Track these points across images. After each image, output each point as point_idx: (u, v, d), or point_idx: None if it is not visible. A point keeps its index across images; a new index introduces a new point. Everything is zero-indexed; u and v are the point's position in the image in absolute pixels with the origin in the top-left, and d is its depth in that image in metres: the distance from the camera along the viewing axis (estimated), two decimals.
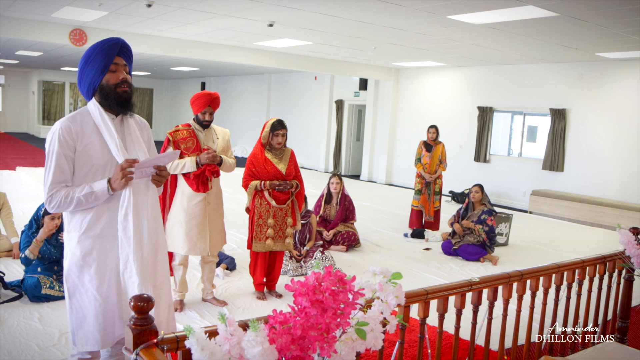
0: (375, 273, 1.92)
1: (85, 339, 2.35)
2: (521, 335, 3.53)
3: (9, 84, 23.03)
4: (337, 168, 14.68)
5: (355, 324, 1.74)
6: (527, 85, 10.65)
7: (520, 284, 3.04)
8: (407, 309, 2.58)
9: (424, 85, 12.72)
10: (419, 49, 9.40)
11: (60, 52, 13.50)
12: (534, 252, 6.92)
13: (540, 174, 10.51)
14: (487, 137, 11.35)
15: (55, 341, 3.47)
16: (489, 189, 10.90)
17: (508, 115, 11.43)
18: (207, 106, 4.11)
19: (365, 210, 8.93)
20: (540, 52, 8.85)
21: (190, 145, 4.11)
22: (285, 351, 1.62)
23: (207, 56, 10.22)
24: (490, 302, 2.92)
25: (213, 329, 1.69)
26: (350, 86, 14.36)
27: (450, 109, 12.11)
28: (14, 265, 4.97)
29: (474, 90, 11.62)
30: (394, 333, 1.99)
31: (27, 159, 13.83)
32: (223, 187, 4.57)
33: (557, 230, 8.64)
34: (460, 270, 5.87)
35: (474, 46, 8.73)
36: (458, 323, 2.79)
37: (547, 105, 10.27)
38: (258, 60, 10.82)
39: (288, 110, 16.46)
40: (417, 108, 12.87)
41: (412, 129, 12.88)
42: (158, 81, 23.55)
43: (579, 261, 3.25)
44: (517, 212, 9.64)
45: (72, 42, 8.54)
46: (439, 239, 7.07)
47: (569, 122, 10.02)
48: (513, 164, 11.14)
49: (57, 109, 21.75)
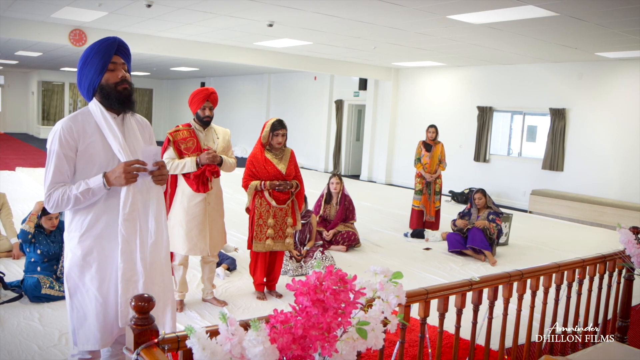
0: (376, 272, 1.92)
1: (86, 338, 2.35)
2: (521, 334, 3.52)
3: (8, 85, 23.03)
4: (337, 168, 14.68)
5: (356, 323, 1.75)
6: (526, 85, 10.65)
7: (520, 284, 3.04)
8: (408, 309, 2.58)
9: (423, 85, 12.72)
10: (419, 48, 9.40)
11: (60, 53, 13.51)
12: (534, 251, 6.92)
13: (540, 174, 10.51)
14: (487, 136, 11.35)
15: (56, 341, 3.47)
16: (488, 189, 10.90)
17: (508, 114, 11.43)
18: (206, 101, 4.09)
19: (365, 210, 8.93)
20: (540, 51, 8.85)
21: (190, 146, 4.09)
22: (287, 351, 1.62)
23: (206, 56, 10.22)
24: (490, 301, 2.92)
25: (214, 329, 1.69)
26: (350, 86, 14.36)
27: (450, 109, 12.10)
28: (14, 266, 4.97)
29: (474, 90, 11.62)
30: (395, 333, 1.99)
31: (27, 159, 13.83)
32: (223, 187, 4.56)
33: (557, 229, 8.64)
34: (460, 270, 5.87)
35: (474, 46, 8.73)
36: (458, 322, 2.79)
37: (547, 104, 10.27)
38: (258, 61, 10.82)
39: (288, 110, 16.46)
40: (417, 108, 12.87)
41: (412, 129, 12.87)
42: (158, 81, 23.55)
43: (579, 260, 3.25)
44: (517, 212, 9.65)
45: (71, 43, 8.55)
46: (439, 239, 7.07)
47: (568, 122, 10.02)
48: (513, 164, 11.14)
49: (56, 110, 21.73)
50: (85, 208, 2.37)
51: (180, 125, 4.20)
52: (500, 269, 5.76)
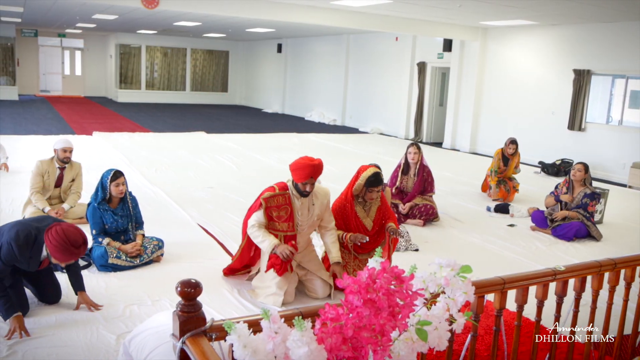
0: (442, 265, 1.72)
1: None
2: (612, 327, 3.19)
3: (87, 48, 23.88)
4: (418, 135, 14.23)
5: (417, 322, 1.57)
6: (630, 46, 9.64)
7: (613, 274, 2.72)
8: (481, 299, 2.36)
9: (513, 46, 11.92)
10: (509, 5, 8.76)
11: (135, 15, 13.87)
12: (632, 232, 6.32)
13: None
14: (584, 103, 10.51)
15: (120, 313, 3.50)
16: (583, 160, 10.10)
17: (608, 78, 10.49)
18: (310, 177, 3.70)
19: (445, 181, 8.56)
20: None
21: (282, 214, 3.79)
22: (336, 351, 1.47)
23: (282, 17, 10.03)
24: (577, 292, 2.64)
25: (255, 320, 1.58)
26: (433, 47, 13.74)
27: (543, 72, 11.30)
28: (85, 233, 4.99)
29: (570, 52, 10.73)
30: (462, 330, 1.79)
31: (104, 123, 14.18)
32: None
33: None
34: (547, 250, 5.44)
35: (571, 1, 7.97)
36: (539, 316, 2.54)
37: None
38: (335, 21, 10.52)
39: (367, 73, 16.09)
40: (506, 71, 12.12)
41: (500, 94, 12.17)
42: (233, 43, 23.52)
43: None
44: (615, 187, 8.88)
45: (143, 5, 8.58)
46: (525, 214, 6.62)
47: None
48: (612, 133, 10.25)
49: (134, 73, 22.24)
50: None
51: (277, 188, 3.84)
52: (591, 252, 5.31)
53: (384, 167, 6.02)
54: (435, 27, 11.70)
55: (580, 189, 5.87)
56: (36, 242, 3.17)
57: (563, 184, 6.03)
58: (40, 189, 5.28)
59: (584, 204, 5.80)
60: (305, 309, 1.86)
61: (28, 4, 12.42)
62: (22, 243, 3.13)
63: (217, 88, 23.67)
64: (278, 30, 16.80)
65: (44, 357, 2.98)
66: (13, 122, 13.10)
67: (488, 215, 6.74)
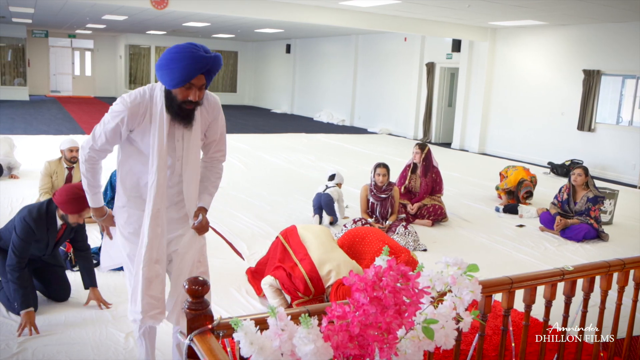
0: (449, 264, 1.72)
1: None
2: (621, 328, 3.17)
3: (97, 49, 24.10)
4: (427, 136, 14.19)
5: (423, 320, 1.57)
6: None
7: (622, 275, 2.70)
8: (489, 299, 2.35)
9: (522, 47, 11.86)
10: (518, 5, 8.72)
11: (145, 16, 13.96)
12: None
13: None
14: (593, 103, 10.43)
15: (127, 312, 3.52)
16: (593, 161, 10.08)
17: (618, 79, 10.40)
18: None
19: (454, 182, 8.53)
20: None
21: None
22: (342, 349, 1.48)
23: (291, 17, 10.05)
24: (585, 293, 2.62)
25: (262, 317, 1.59)
26: (442, 48, 13.71)
27: (552, 73, 11.22)
28: (93, 232, 4.85)
29: (580, 52, 10.66)
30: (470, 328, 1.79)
31: None
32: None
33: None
34: (556, 250, 5.42)
35: (580, 0, 7.91)
36: (547, 316, 2.53)
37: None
38: (344, 21, 10.52)
39: (376, 74, 16.07)
40: (515, 71, 12.06)
41: (509, 94, 12.11)
42: (242, 44, 23.60)
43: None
44: (625, 187, 8.82)
45: (153, 6, 8.62)
46: (534, 215, 6.58)
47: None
48: (622, 134, 10.16)
49: (143, 73, 22.40)
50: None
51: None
52: (601, 253, 5.28)
53: (392, 167, 6.03)
54: (444, 27, 11.67)
55: (583, 193, 5.82)
56: (48, 212, 3.33)
57: (564, 190, 5.98)
58: (49, 189, 5.31)
59: (587, 209, 5.74)
60: (312, 307, 1.86)
61: (39, 5, 12.54)
62: (35, 216, 3.29)
63: (226, 88, 23.75)
64: (287, 30, 16.82)
65: (53, 355, 3.00)
66: (24, 122, 13.21)
67: (497, 215, 6.71)
